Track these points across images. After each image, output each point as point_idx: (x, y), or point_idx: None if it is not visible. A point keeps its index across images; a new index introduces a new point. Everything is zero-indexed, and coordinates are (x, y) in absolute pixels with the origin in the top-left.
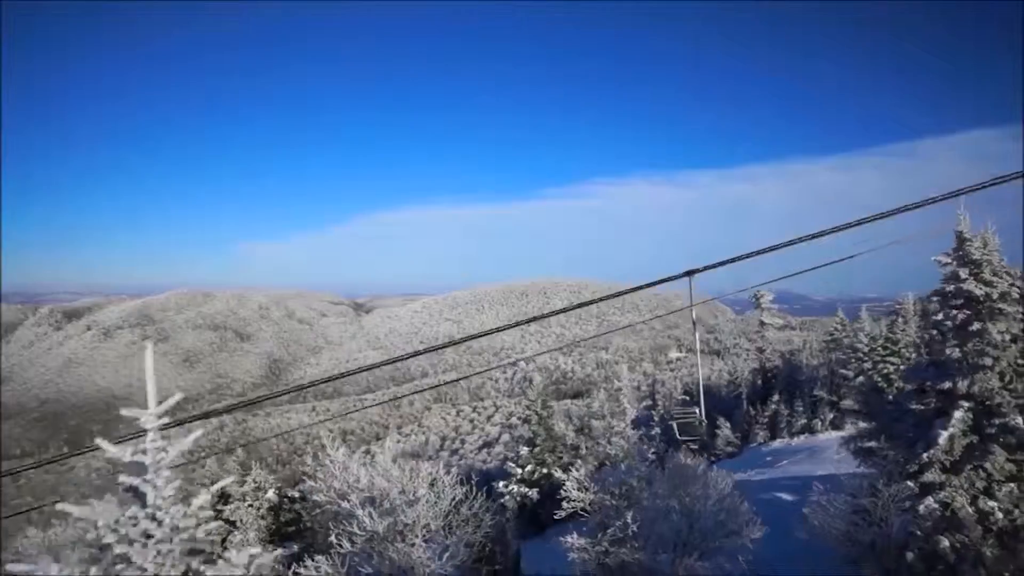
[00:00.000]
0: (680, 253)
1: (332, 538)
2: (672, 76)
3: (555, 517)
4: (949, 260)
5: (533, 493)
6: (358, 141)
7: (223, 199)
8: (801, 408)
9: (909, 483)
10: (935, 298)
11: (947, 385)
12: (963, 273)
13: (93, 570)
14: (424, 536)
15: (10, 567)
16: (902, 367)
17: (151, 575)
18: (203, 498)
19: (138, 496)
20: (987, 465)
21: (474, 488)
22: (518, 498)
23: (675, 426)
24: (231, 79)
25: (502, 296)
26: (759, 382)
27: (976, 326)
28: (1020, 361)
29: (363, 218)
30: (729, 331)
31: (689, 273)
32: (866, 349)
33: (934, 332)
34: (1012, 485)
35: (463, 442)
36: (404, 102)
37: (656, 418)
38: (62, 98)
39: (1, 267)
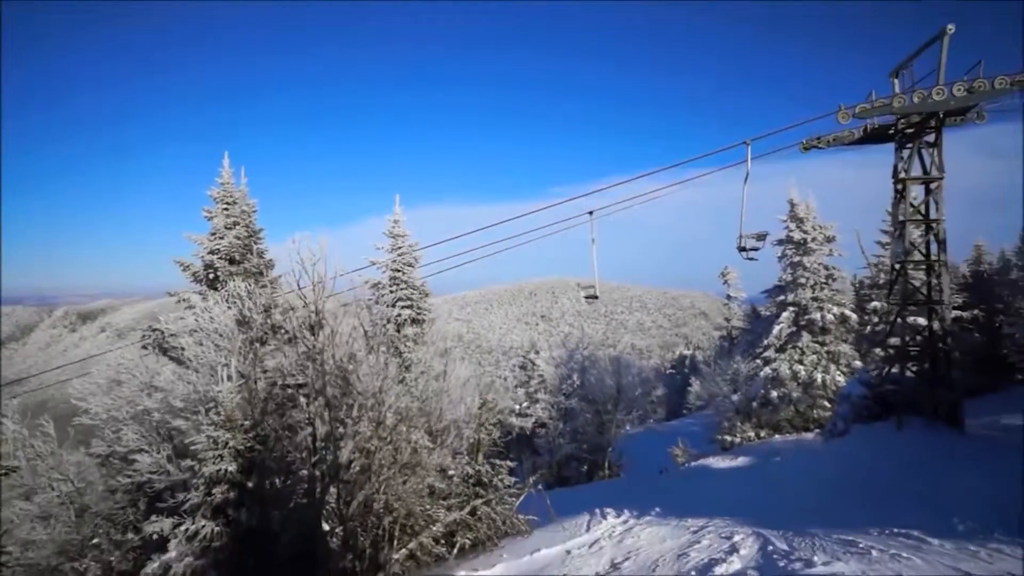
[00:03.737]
0: (682, 253)
1: None
2: (674, 76)
3: (536, 438)
4: (785, 218)
5: (528, 423)
6: (372, 141)
7: None
8: None
9: (758, 360)
10: (778, 244)
11: (781, 298)
12: (792, 226)
13: None
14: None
15: None
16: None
17: None
18: None
19: None
20: (799, 344)
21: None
22: (516, 429)
23: (581, 290)
24: (243, 79)
25: (511, 296)
26: (725, 346)
27: (798, 259)
28: (824, 282)
29: (375, 218)
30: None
31: (591, 212)
32: None
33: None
34: (813, 356)
35: None
36: (419, 101)
37: None
38: (73, 101)
39: (1, 267)
